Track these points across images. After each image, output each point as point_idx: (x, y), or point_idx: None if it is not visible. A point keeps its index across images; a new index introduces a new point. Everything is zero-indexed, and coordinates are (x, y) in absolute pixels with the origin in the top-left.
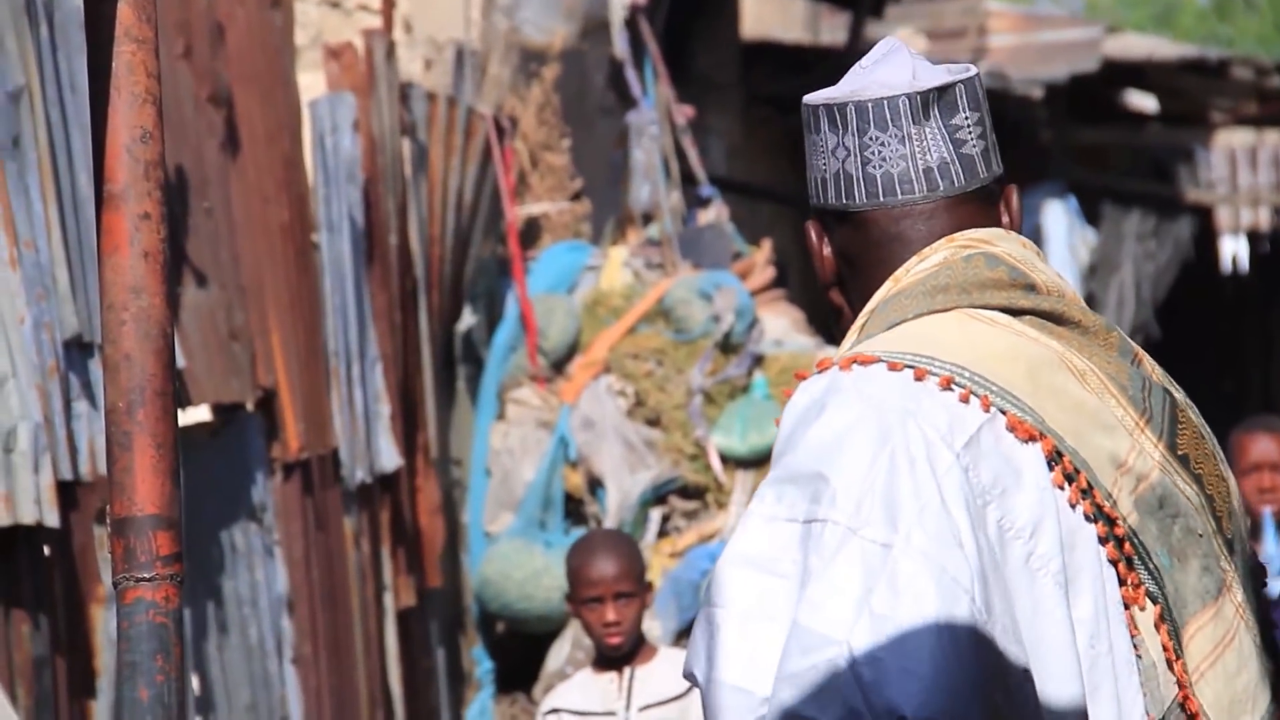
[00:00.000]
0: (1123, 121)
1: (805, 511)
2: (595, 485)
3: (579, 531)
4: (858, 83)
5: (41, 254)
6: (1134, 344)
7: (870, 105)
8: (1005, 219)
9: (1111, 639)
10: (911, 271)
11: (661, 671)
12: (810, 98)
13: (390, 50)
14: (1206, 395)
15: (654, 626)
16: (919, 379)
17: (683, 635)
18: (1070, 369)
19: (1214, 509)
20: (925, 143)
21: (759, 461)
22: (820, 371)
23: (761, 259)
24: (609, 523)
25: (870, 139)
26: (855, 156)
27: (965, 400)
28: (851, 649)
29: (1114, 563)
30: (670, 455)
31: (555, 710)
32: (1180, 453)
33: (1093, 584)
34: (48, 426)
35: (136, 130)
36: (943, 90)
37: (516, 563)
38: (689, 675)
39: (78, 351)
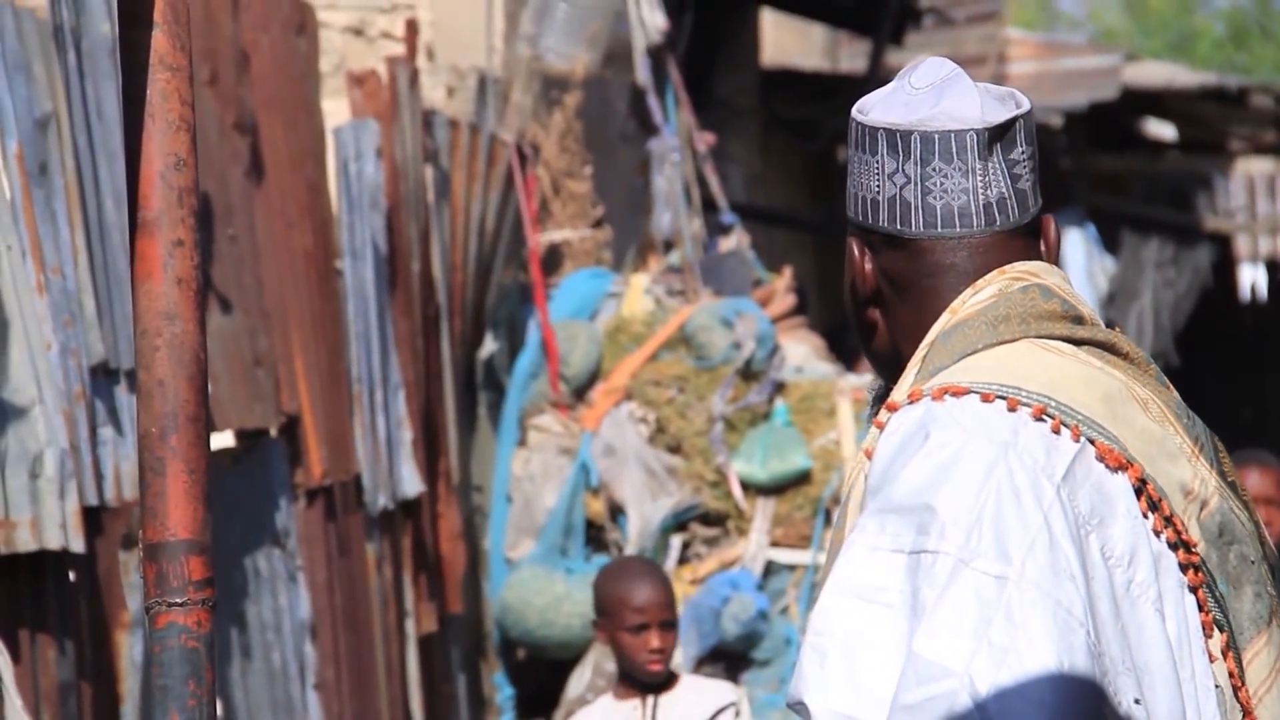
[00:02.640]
0: (1141, 149)
1: (912, 542)
2: (616, 512)
3: (600, 558)
4: (923, 111)
5: (69, 280)
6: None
7: (937, 137)
8: (1043, 249)
9: (1194, 665)
10: (968, 303)
11: (685, 699)
12: (869, 118)
13: (414, 77)
14: (1225, 424)
15: (675, 654)
16: (1012, 409)
17: (704, 662)
18: (1135, 398)
19: (1260, 535)
20: (987, 178)
21: (780, 488)
22: (912, 402)
23: (782, 286)
24: (630, 550)
25: (933, 169)
26: (916, 185)
27: (1057, 431)
28: (972, 681)
29: (1194, 589)
30: (691, 482)
31: None
32: (1229, 479)
33: (1176, 611)
34: (74, 452)
35: (171, 157)
36: (1006, 126)
37: (537, 589)
38: (796, 704)
39: (104, 378)
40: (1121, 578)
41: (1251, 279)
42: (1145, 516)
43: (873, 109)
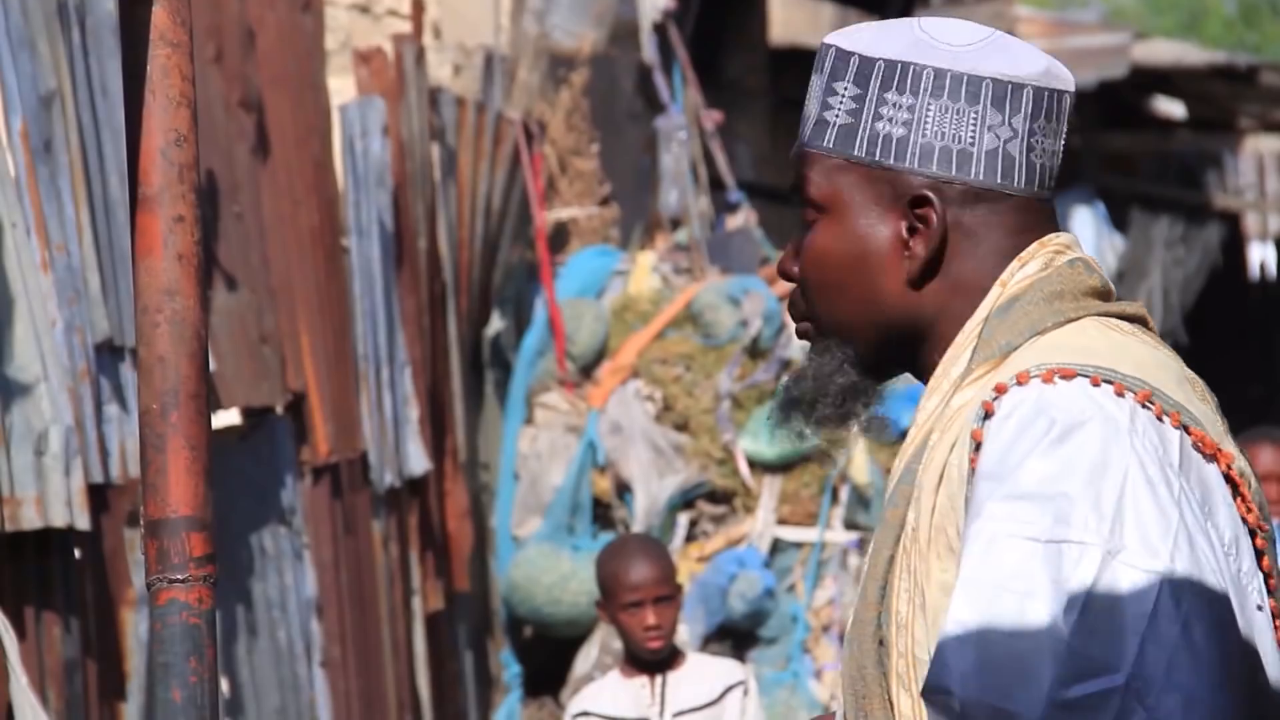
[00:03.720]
0: (1151, 128)
1: (1048, 531)
2: (623, 490)
3: (607, 536)
4: (1032, 68)
5: (73, 258)
6: None
7: (1048, 95)
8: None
9: (1264, 650)
10: (1016, 277)
11: (694, 677)
12: (966, 67)
13: (420, 55)
14: (1235, 401)
15: (682, 631)
16: (1120, 394)
17: (711, 640)
18: (1187, 378)
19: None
20: (1059, 141)
21: (787, 466)
22: (1020, 384)
23: None
24: (637, 528)
25: (1038, 127)
26: (1021, 141)
27: (1160, 417)
28: (1135, 678)
29: (1267, 575)
30: (698, 460)
31: (585, 714)
32: (1248, 458)
33: (1263, 598)
34: (79, 430)
35: (171, 133)
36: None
37: (544, 567)
38: (938, 692)
39: (109, 355)
40: (1233, 566)
41: (1261, 257)
42: (1232, 502)
43: (963, 57)
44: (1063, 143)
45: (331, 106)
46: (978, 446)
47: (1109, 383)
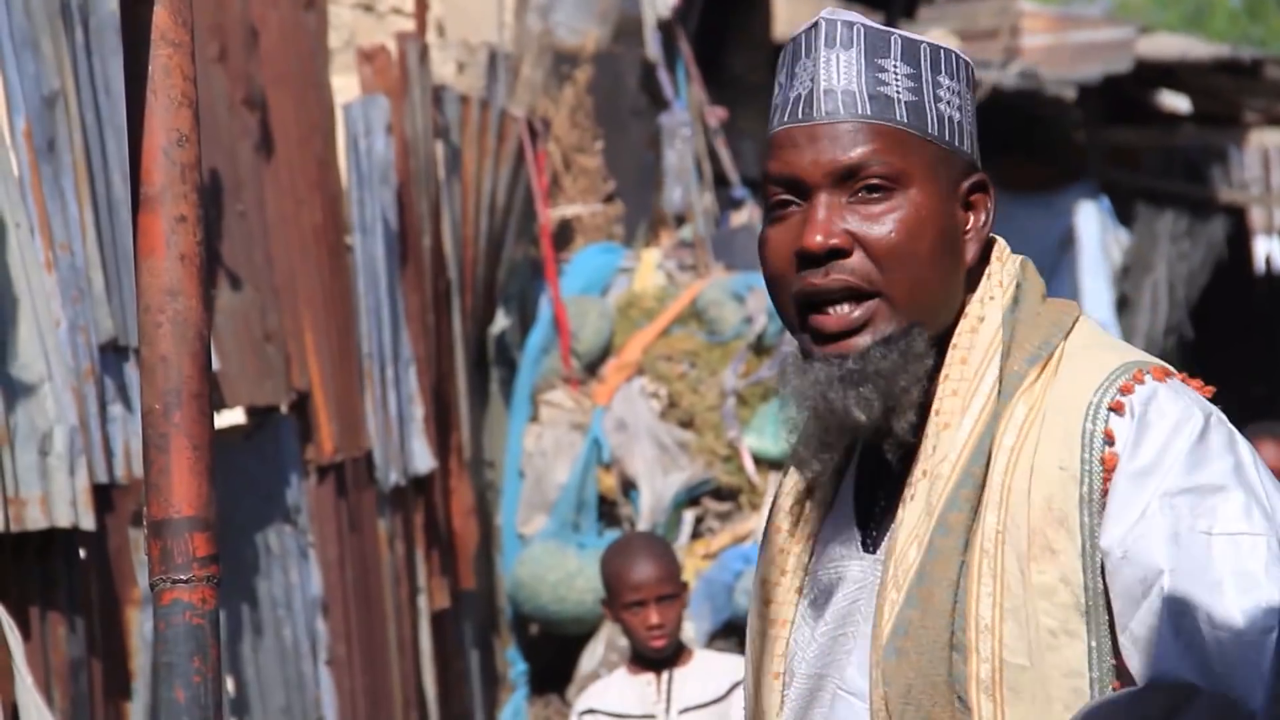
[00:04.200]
0: (1156, 122)
1: (1234, 524)
2: (628, 487)
3: (612, 533)
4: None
5: (77, 257)
6: None
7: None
8: None
9: None
10: (1006, 274)
11: (700, 674)
12: (951, 44)
13: (423, 53)
14: (1238, 397)
15: (688, 628)
16: (1189, 387)
17: (716, 637)
18: None
19: None
20: None
21: None
22: (1140, 383)
23: None
24: (642, 525)
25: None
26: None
27: None
28: None
29: None
30: (703, 457)
31: (591, 711)
32: None
33: None
34: (83, 429)
35: (173, 133)
36: None
37: (550, 565)
38: (1181, 684)
39: (113, 355)
40: None
41: (1266, 251)
42: None
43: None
44: None
45: (335, 105)
46: (1109, 443)
47: (1172, 377)
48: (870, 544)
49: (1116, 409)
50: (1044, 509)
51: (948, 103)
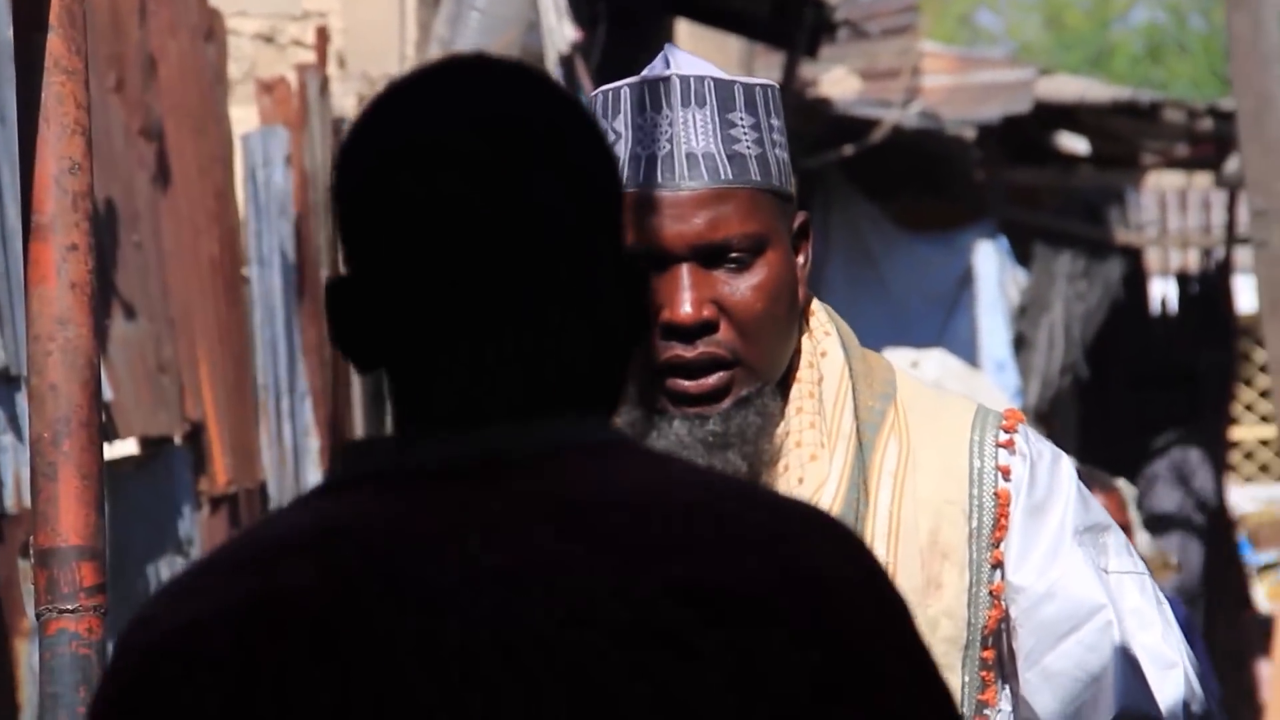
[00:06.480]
0: (1055, 163)
1: (1136, 564)
2: None
3: None
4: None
5: None
6: None
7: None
8: None
9: None
10: (825, 311)
11: None
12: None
13: (324, 85)
14: (1135, 436)
15: None
16: None
17: None
18: None
19: None
20: None
21: None
22: (1018, 419)
23: None
24: None
25: None
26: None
27: None
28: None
29: None
30: None
31: None
32: None
33: None
34: None
35: (65, 161)
36: None
37: None
38: (1146, 717)
39: (4, 385)
40: None
41: (1162, 292)
42: None
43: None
44: None
45: (234, 136)
46: (1005, 478)
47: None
48: None
49: (1007, 447)
50: (930, 542)
51: (781, 145)
